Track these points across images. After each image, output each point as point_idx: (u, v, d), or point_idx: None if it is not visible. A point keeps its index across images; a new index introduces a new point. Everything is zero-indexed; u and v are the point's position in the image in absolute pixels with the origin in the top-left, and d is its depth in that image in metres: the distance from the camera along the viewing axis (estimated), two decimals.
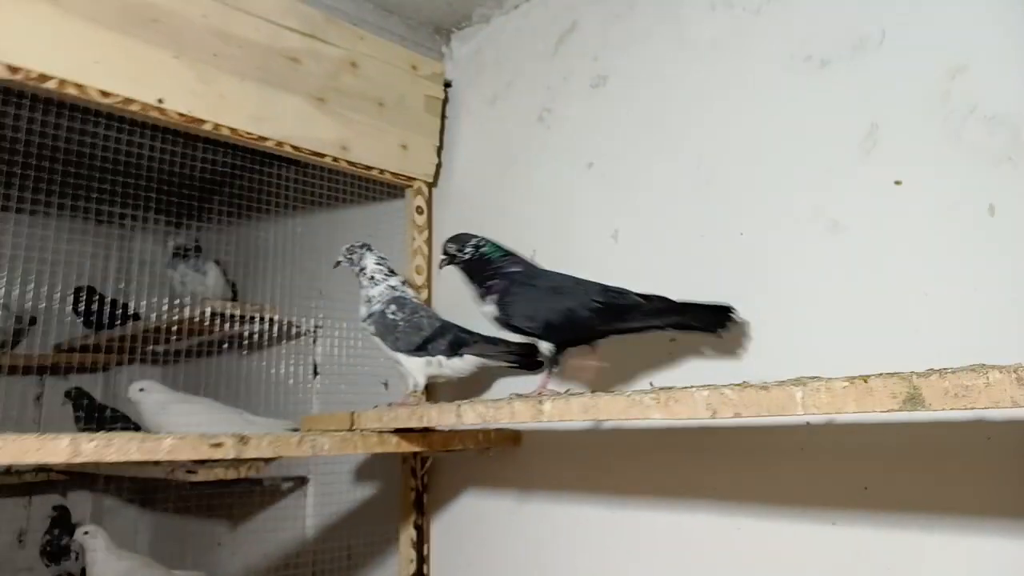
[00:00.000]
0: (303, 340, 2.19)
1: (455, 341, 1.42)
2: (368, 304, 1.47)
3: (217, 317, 2.03)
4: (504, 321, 1.22)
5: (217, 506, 2.26)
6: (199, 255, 2.32)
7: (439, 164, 1.88)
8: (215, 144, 1.72)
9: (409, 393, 1.49)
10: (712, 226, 1.34)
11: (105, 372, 2.85)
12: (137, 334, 2.25)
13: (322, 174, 1.84)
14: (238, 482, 1.97)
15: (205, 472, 1.79)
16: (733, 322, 1.15)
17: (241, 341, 2.19)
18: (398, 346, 1.43)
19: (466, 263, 1.27)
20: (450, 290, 1.70)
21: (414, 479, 1.72)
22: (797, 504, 1.17)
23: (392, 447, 1.40)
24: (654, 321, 1.15)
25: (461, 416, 1.15)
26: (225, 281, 2.37)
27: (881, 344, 1.09)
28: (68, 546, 2.45)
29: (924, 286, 1.07)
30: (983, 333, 1.01)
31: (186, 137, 1.66)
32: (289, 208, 2.09)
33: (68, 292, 2.36)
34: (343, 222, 2.13)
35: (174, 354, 2.41)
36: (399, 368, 1.47)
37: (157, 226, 2.53)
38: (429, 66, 1.85)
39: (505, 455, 1.62)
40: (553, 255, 1.60)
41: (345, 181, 1.84)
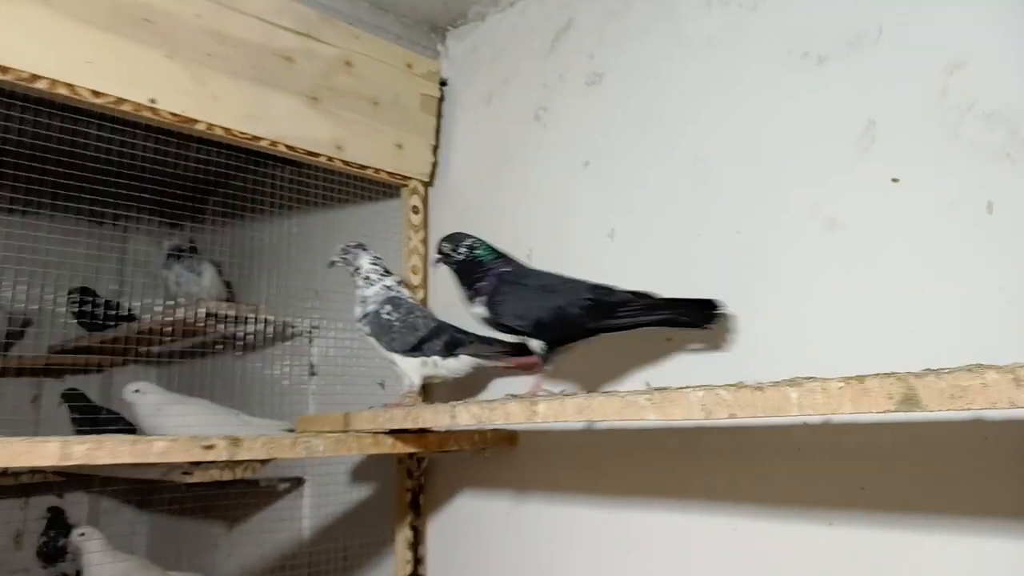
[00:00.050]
0: (299, 341, 2.18)
1: (451, 341, 1.41)
2: (363, 304, 1.46)
3: (212, 318, 2.02)
4: (494, 320, 1.22)
5: (213, 507, 2.25)
6: (194, 255, 2.31)
7: (435, 163, 1.87)
8: (210, 144, 1.71)
9: (405, 394, 1.48)
10: (709, 224, 1.33)
11: (102, 373, 2.83)
12: (133, 335, 2.24)
13: (318, 174, 1.83)
14: (234, 483, 1.96)
15: (200, 473, 1.78)
16: (720, 316, 1.16)
17: (237, 342, 2.18)
18: (393, 346, 1.42)
19: (459, 263, 1.27)
20: (446, 290, 1.69)
21: (410, 480, 1.71)
22: (793, 504, 1.16)
23: (387, 448, 1.39)
24: (643, 317, 1.15)
25: (456, 417, 1.14)
26: (221, 282, 2.36)
27: (879, 343, 1.09)
28: (64, 547, 2.44)
29: (922, 285, 1.06)
30: (981, 332, 1.00)
31: (181, 137, 1.65)
32: (285, 208, 2.08)
33: (63, 294, 2.35)
34: (339, 222, 2.12)
35: (171, 355, 2.40)
36: (394, 369, 1.46)
37: (153, 227, 2.53)
38: (424, 64, 1.84)
39: (501, 456, 1.61)
40: (549, 254, 1.60)
41: (341, 181, 1.83)
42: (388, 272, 1.49)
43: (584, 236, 1.53)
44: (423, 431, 1.44)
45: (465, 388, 1.65)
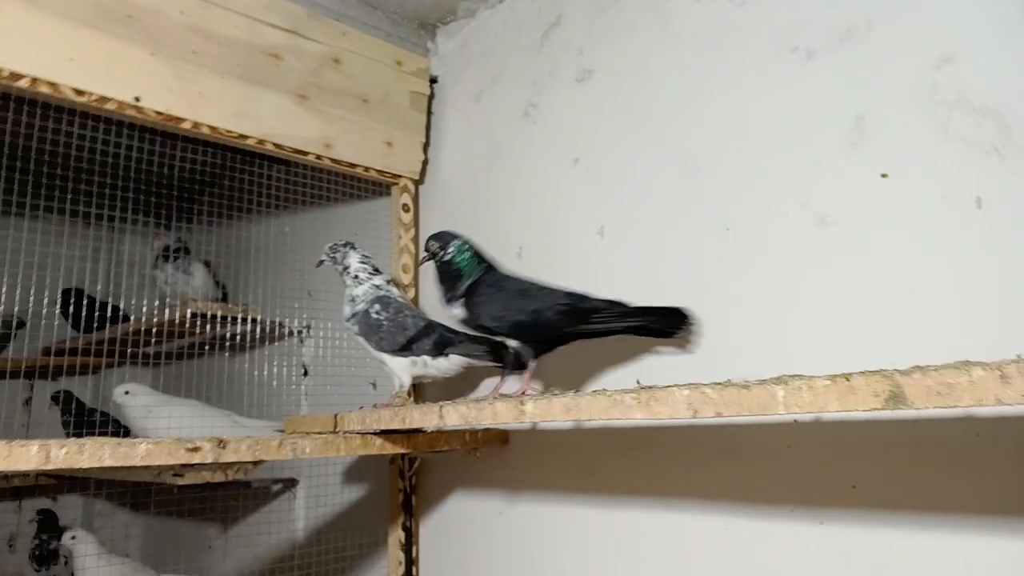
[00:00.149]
0: (291, 341, 2.17)
1: (440, 341, 1.39)
2: (352, 303, 1.45)
3: (202, 318, 2.00)
4: (472, 322, 1.23)
5: (208, 509, 2.24)
6: (186, 256, 2.29)
7: (425, 161, 1.86)
8: (201, 144, 1.69)
9: (395, 394, 1.47)
10: (698, 221, 1.32)
11: (95, 375, 2.82)
12: (126, 336, 2.23)
13: (308, 173, 1.82)
14: (226, 485, 1.95)
15: (192, 475, 1.77)
16: (688, 325, 1.22)
17: (230, 342, 2.17)
18: (382, 346, 1.41)
19: (444, 263, 1.27)
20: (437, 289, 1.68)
21: (402, 480, 1.70)
22: (785, 503, 1.15)
23: (376, 449, 1.38)
24: (615, 323, 1.20)
25: (444, 417, 1.13)
26: (213, 282, 2.35)
27: (868, 339, 1.08)
28: (57, 550, 2.43)
29: (911, 281, 1.05)
30: (971, 329, 0.99)
31: (171, 137, 1.64)
32: (276, 208, 2.06)
33: (56, 295, 2.33)
34: (329, 221, 2.11)
35: (164, 356, 2.39)
36: (384, 369, 1.45)
37: (146, 227, 2.51)
38: (414, 62, 1.82)
39: (493, 455, 1.60)
40: (540, 252, 1.59)
41: (331, 179, 1.82)
42: (377, 271, 1.48)
43: (574, 233, 1.52)
44: (413, 431, 1.43)
45: (458, 388, 1.64)
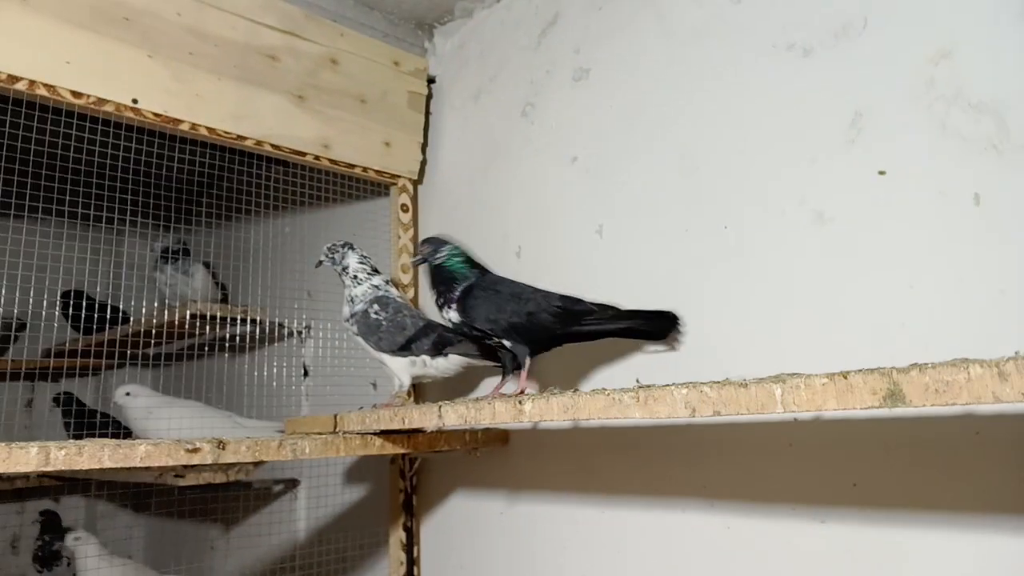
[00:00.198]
0: (292, 341, 2.17)
1: (439, 341, 1.39)
2: (351, 304, 1.45)
3: (203, 319, 2.00)
4: (466, 323, 1.24)
5: (210, 510, 2.24)
6: (186, 257, 2.29)
7: (424, 161, 1.86)
8: (200, 145, 1.69)
9: (395, 394, 1.47)
10: (697, 219, 1.32)
11: (95, 376, 2.82)
12: (126, 338, 2.23)
13: (307, 173, 1.82)
14: (227, 486, 1.95)
15: (193, 476, 1.77)
16: (678, 329, 1.26)
17: (230, 343, 2.17)
18: (381, 346, 1.41)
19: (436, 267, 1.27)
20: None
21: (402, 480, 1.70)
22: (786, 502, 1.15)
23: (376, 450, 1.38)
24: (607, 325, 1.23)
25: (443, 417, 1.13)
26: (214, 283, 2.35)
27: (867, 338, 1.07)
28: (59, 551, 2.43)
29: (909, 278, 1.04)
30: (969, 326, 0.98)
31: (171, 139, 1.64)
32: (277, 208, 2.06)
33: (56, 296, 2.33)
34: (329, 221, 2.10)
35: (165, 357, 2.39)
36: (384, 369, 1.45)
37: (146, 229, 2.51)
38: (412, 62, 1.82)
39: (493, 455, 1.60)
40: (538, 251, 1.59)
41: (330, 180, 1.82)
42: (376, 271, 1.48)
43: (573, 232, 1.52)
44: (413, 432, 1.43)
45: (458, 389, 1.64)
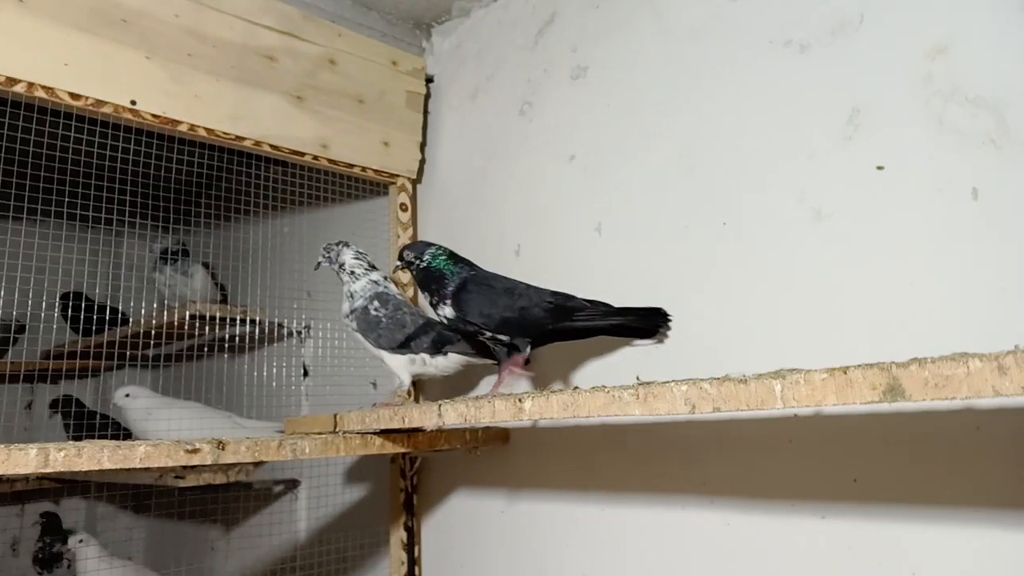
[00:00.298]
0: (292, 341, 2.17)
1: (439, 339, 1.40)
2: (351, 299, 1.44)
3: (202, 320, 2.00)
4: (460, 319, 1.23)
5: (210, 511, 2.24)
6: (185, 258, 2.29)
7: (422, 160, 1.86)
8: (199, 146, 1.69)
9: (395, 392, 1.47)
10: (695, 216, 1.32)
11: (95, 377, 2.82)
12: (126, 339, 2.23)
13: (306, 173, 1.82)
14: (228, 486, 1.95)
15: (193, 477, 1.77)
16: (667, 325, 1.29)
17: (230, 344, 2.17)
18: (381, 343, 1.41)
19: (423, 271, 1.27)
20: None
21: (403, 480, 1.70)
22: (786, 498, 1.15)
23: (376, 449, 1.38)
24: (599, 322, 1.25)
25: (442, 416, 1.13)
26: (214, 284, 2.35)
27: (866, 333, 1.07)
28: (60, 553, 2.43)
29: (908, 273, 1.04)
30: (968, 321, 0.98)
31: (170, 140, 1.64)
32: (276, 209, 2.06)
33: (56, 298, 2.33)
34: (328, 221, 2.11)
35: (165, 358, 2.39)
36: (384, 367, 1.44)
37: (145, 230, 2.51)
38: (410, 62, 1.82)
39: (494, 454, 1.60)
40: (537, 249, 1.59)
41: (329, 180, 1.82)
42: (373, 267, 1.47)
43: (572, 230, 1.52)
44: (413, 431, 1.43)
45: (459, 388, 1.64)
